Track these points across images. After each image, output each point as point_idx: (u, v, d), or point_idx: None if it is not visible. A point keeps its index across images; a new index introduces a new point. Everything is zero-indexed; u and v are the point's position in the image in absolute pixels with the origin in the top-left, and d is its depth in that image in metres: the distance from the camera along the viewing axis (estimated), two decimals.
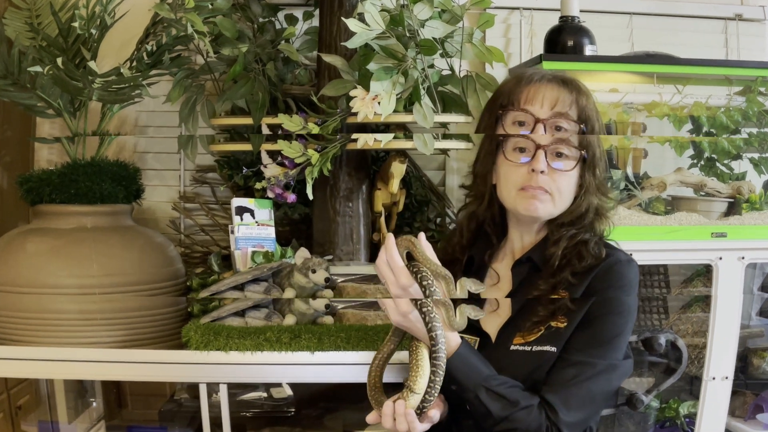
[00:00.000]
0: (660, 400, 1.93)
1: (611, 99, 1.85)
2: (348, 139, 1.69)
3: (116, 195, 1.80)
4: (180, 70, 1.86)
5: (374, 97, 1.60)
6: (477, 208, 1.25)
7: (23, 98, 1.79)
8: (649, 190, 1.85)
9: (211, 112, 1.88)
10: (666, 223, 1.79)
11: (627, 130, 1.90)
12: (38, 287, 1.67)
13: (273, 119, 1.75)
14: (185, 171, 2.18)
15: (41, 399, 2.09)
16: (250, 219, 1.78)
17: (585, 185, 1.18)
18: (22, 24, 1.85)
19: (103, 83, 1.70)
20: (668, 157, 1.92)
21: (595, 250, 1.16)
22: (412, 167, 2.06)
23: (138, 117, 2.18)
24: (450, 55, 1.72)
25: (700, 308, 1.94)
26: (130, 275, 1.72)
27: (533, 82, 1.17)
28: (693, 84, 1.89)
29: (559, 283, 1.15)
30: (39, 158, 2.18)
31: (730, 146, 1.90)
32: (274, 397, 1.95)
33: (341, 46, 1.71)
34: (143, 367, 1.63)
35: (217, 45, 1.81)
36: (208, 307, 1.75)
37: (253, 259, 1.73)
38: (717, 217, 1.86)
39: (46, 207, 1.78)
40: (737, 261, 1.76)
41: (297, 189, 1.80)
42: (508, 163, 1.17)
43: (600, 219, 1.20)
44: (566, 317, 1.14)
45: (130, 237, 1.80)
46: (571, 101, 1.16)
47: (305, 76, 1.93)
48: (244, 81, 1.81)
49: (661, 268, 2.01)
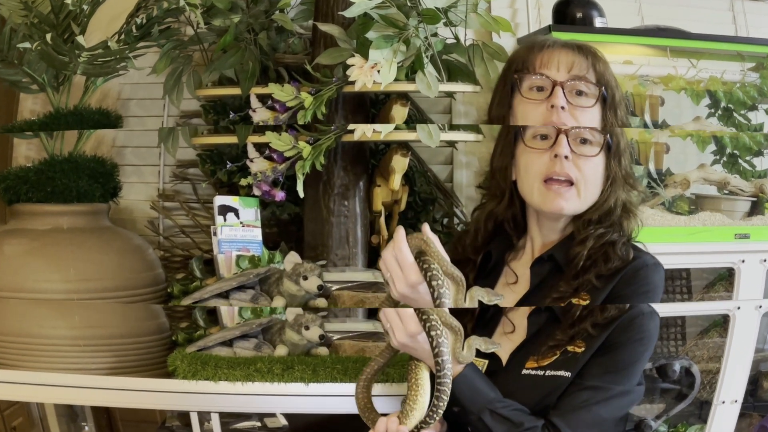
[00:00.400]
0: (668, 425, 1.94)
1: (626, 71, 1.84)
2: (344, 130, 1.67)
3: (93, 193, 1.80)
4: (168, 41, 1.89)
5: (373, 65, 1.58)
6: (496, 207, 1.23)
7: (9, 74, 1.81)
8: (672, 188, 1.83)
9: (197, 83, 1.89)
10: (690, 223, 1.77)
11: (645, 103, 1.92)
12: (16, 291, 1.69)
13: (263, 89, 1.74)
14: (165, 166, 2.17)
15: (34, 422, 2.12)
16: (235, 219, 1.76)
17: (612, 176, 1.17)
18: (16, 3, 1.86)
19: (89, 57, 1.73)
20: (690, 153, 1.89)
21: (622, 252, 1.14)
22: (416, 161, 2.04)
23: (121, 90, 2.19)
24: (454, 24, 1.72)
25: (717, 333, 1.90)
26: (107, 280, 1.73)
27: (546, 47, 1.19)
28: (706, 59, 1.89)
29: (581, 286, 1.14)
30: (17, 155, 2.20)
31: (751, 142, 1.88)
32: (269, 426, 1.95)
33: (338, 16, 1.70)
34: (132, 394, 1.66)
35: (209, 16, 1.82)
36: (193, 336, 1.77)
37: (238, 264, 1.70)
38: (740, 217, 1.84)
39: (22, 206, 1.79)
40: (759, 264, 1.74)
41: (286, 186, 1.77)
42: (528, 150, 1.16)
43: (628, 216, 1.19)
44: (585, 342, 1.12)
45: (107, 239, 1.81)
46: (587, 65, 1.17)
47: (299, 45, 1.94)
48: (234, 50, 1.81)
49: (684, 273, 2.01)
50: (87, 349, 1.71)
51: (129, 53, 1.77)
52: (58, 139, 1.85)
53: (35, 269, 1.71)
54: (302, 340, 1.64)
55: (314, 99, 1.65)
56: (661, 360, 1.83)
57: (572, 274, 1.15)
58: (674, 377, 1.81)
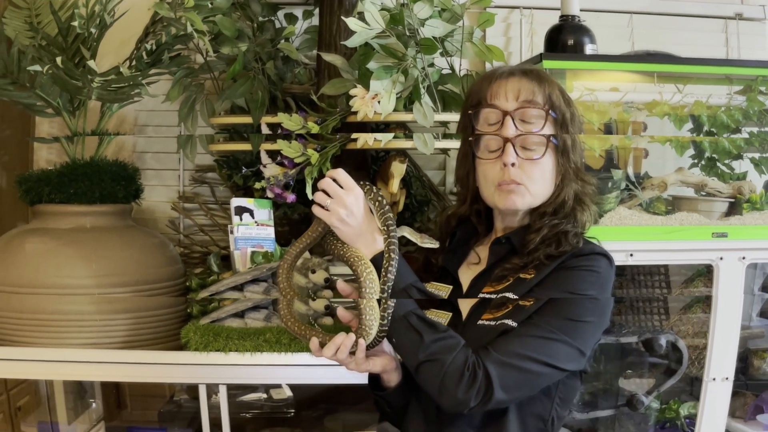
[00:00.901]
0: (660, 401, 1.93)
1: (612, 98, 1.85)
2: (348, 139, 1.70)
3: (115, 195, 1.81)
4: (179, 69, 1.87)
5: (374, 95, 1.61)
6: (459, 208, 1.28)
7: (22, 97, 1.79)
8: (650, 190, 1.86)
9: (210, 111, 1.89)
10: (667, 223, 1.80)
11: (628, 129, 1.90)
12: (37, 287, 1.67)
13: (273, 118, 1.76)
14: (184, 171, 2.19)
15: (41, 400, 2.09)
16: (250, 219, 1.79)
17: (562, 172, 1.19)
18: (21, 23, 1.85)
19: (103, 82, 1.70)
20: (669, 157, 1.92)
21: (573, 241, 1.17)
22: (412, 167, 2.07)
23: (137, 116, 2.19)
24: (450, 54, 1.73)
25: (700, 309, 1.94)
26: (129, 275, 1.73)
27: (496, 79, 1.20)
28: (693, 83, 1.88)
29: (530, 262, 1.16)
30: (38, 158, 2.19)
31: (730, 146, 1.90)
32: (274, 398, 1.96)
33: (341, 45, 1.72)
34: (142, 368, 1.64)
35: (217, 44, 1.82)
36: (207, 308, 1.76)
37: (253, 260, 1.74)
38: (718, 217, 1.86)
39: (45, 207, 1.79)
40: (738, 261, 1.76)
41: (296, 189, 1.80)
42: (482, 161, 1.20)
43: (582, 207, 1.21)
44: (535, 269, 1.15)
45: (129, 237, 1.81)
46: (533, 89, 1.17)
47: (305, 75, 1.95)
48: (244, 80, 1.82)
49: (662, 269, 2.02)
50: (102, 324, 1.69)
51: (142, 80, 1.75)
52: (78, 144, 1.85)
53: (57, 265, 1.69)
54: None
55: (320, 156, 1.68)
56: (647, 334, 1.84)
57: (525, 252, 1.17)
58: (661, 351, 1.82)
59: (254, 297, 1.69)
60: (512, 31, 2.24)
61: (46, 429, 2.05)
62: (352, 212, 1.12)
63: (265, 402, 1.97)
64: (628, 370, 1.96)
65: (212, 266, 1.82)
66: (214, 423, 1.67)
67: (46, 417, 2.06)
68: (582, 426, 2.01)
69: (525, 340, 1.09)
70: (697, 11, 2.30)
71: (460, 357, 1.07)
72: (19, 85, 1.77)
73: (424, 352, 1.08)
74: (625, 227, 1.76)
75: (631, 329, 1.92)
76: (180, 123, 1.91)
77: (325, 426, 2.01)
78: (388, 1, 1.63)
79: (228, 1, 1.80)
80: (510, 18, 2.24)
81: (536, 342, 1.09)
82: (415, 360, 1.10)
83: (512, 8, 2.22)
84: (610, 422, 1.96)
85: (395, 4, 1.64)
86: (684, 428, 1.91)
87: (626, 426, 1.95)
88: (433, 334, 1.10)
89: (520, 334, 1.10)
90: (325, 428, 2.01)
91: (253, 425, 1.95)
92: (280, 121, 1.71)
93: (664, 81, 1.87)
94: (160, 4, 1.69)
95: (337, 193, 1.12)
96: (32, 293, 1.67)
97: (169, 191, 2.20)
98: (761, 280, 2.04)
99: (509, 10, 2.23)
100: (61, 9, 1.85)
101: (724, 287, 1.75)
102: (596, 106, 1.84)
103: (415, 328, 1.10)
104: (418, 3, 1.62)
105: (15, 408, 2.03)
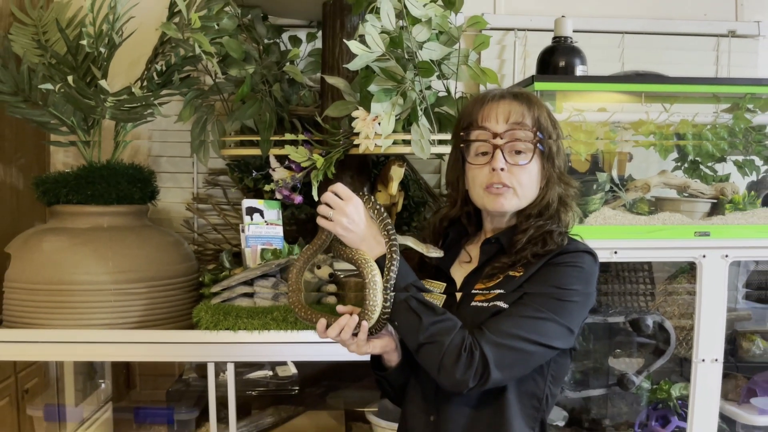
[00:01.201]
0: (651, 381, 1.93)
1: (599, 118, 1.85)
2: (350, 145, 1.73)
3: (132, 196, 1.82)
4: (190, 91, 1.87)
5: (375, 117, 1.63)
6: (450, 211, 1.31)
7: (35, 115, 1.79)
8: (634, 192, 1.88)
9: (221, 131, 1.90)
10: (650, 222, 1.81)
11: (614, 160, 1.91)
12: (54, 284, 1.67)
13: (280, 150, 1.78)
14: (198, 174, 2.22)
15: (50, 382, 2.06)
16: (260, 219, 1.81)
17: (547, 176, 1.22)
18: (29, 40, 1.85)
19: (116, 102, 1.68)
20: (653, 161, 1.94)
21: (559, 240, 1.20)
22: (410, 171, 2.09)
23: (151, 135, 2.21)
24: (446, 76, 1.74)
25: (685, 279, 1.95)
26: (145, 272, 1.74)
27: (487, 102, 1.22)
28: (680, 102, 1.87)
29: (518, 261, 1.19)
30: (55, 161, 2.21)
31: (714, 149, 1.91)
32: (279, 375, 1.96)
33: (343, 68, 1.73)
34: (153, 347, 1.64)
35: (225, 66, 1.82)
36: (218, 276, 1.77)
37: (262, 256, 1.77)
38: (700, 217, 1.87)
39: (62, 207, 1.78)
40: (721, 259, 1.76)
41: (303, 191, 1.83)
42: (472, 166, 1.23)
43: (565, 208, 1.25)
44: (524, 268, 1.18)
45: (145, 235, 1.82)
46: (523, 112, 1.20)
47: (310, 97, 1.96)
48: (252, 102, 1.83)
49: (646, 265, 2.03)
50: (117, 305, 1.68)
51: (153, 100, 1.73)
52: (95, 148, 1.85)
53: (74, 263, 1.68)
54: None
55: (325, 160, 1.69)
56: (633, 314, 1.83)
57: (513, 251, 1.20)
58: (648, 331, 1.80)
59: (263, 291, 1.70)
60: (506, 53, 2.25)
61: (52, 411, 2.01)
62: (354, 220, 1.16)
63: (270, 379, 1.95)
64: (616, 349, 1.97)
65: (224, 262, 1.85)
66: (220, 401, 1.67)
67: (53, 399, 2.04)
68: (575, 405, 2.04)
69: (517, 321, 1.12)
70: (689, 30, 2.30)
71: (457, 338, 1.10)
72: (31, 102, 1.76)
73: (423, 333, 1.11)
74: (609, 226, 1.77)
75: (617, 309, 1.92)
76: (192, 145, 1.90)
77: (327, 403, 2.02)
78: (388, 24, 1.62)
79: (234, 22, 1.80)
80: (504, 40, 2.25)
81: (528, 322, 1.12)
82: (415, 341, 1.13)
83: (507, 30, 2.23)
84: (603, 402, 1.97)
85: (394, 27, 1.63)
86: (677, 409, 1.91)
87: (619, 406, 1.97)
88: (432, 317, 1.12)
89: (512, 314, 1.13)
90: (327, 405, 2.01)
91: (258, 403, 1.94)
92: (287, 153, 1.72)
93: (652, 100, 1.87)
94: (167, 24, 1.70)
95: (338, 204, 1.16)
96: (49, 290, 1.67)
97: (183, 193, 2.22)
98: (745, 277, 2.05)
99: (504, 33, 2.24)
100: (68, 27, 1.84)
101: (707, 283, 1.75)
102: (584, 126, 1.84)
103: (415, 311, 1.13)
104: (416, 26, 1.63)
105: (22, 391, 1.98)
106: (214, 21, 1.72)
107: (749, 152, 1.94)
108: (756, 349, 1.96)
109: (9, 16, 1.95)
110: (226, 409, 1.68)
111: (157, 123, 2.10)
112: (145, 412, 1.98)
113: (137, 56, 1.97)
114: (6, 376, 1.92)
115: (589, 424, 1.97)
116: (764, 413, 1.90)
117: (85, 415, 2.04)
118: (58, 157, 2.22)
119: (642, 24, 2.28)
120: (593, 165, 1.91)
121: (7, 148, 2.03)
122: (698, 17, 2.32)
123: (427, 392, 1.22)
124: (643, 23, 2.29)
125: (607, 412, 1.98)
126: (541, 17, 2.22)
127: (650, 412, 1.93)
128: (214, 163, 2.19)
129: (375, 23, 1.56)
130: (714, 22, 2.30)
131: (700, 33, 2.29)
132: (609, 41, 2.27)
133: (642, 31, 2.28)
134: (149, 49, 1.88)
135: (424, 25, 1.63)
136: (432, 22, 1.62)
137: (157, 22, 1.80)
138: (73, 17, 1.91)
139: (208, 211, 2.22)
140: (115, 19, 1.77)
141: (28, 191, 2.05)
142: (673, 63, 2.24)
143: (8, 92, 1.74)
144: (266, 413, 1.91)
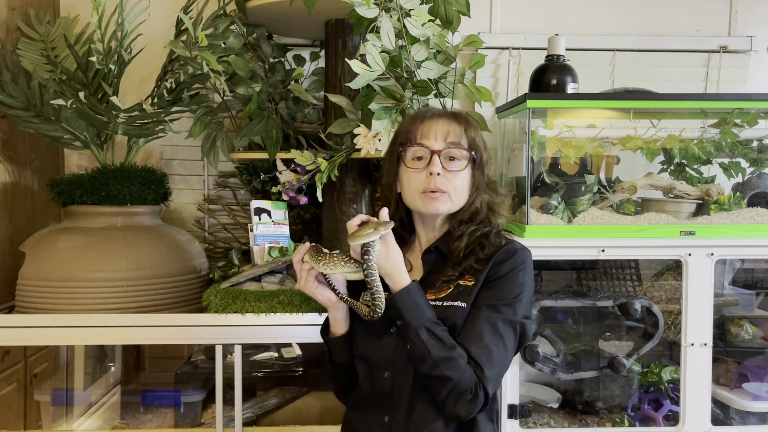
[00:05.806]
0: (642, 365, 1.93)
1: (588, 134, 1.86)
2: (353, 149, 1.76)
3: (145, 197, 1.83)
4: (199, 108, 1.88)
5: (375, 134, 1.65)
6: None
7: (48, 130, 1.80)
8: (621, 193, 1.88)
9: (230, 147, 1.92)
10: (636, 222, 1.81)
11: (602, 163, 1.92)
12: (68, 281, 1.68)
13: (286, 154, 1.80)
14: (209, 176, 2.24)
15: (59, 366, 2.04)
16: (267, 218, 1.84)
17: (476, 184, 1.25)
18: (37, 56, 1.85)
19: (127, 118, 1.68)
20: (639, 164, 1.94)
21: (495, 240, 1.24)
22: None
23: (163, 151, 2.23)
24: (443, 95, 1.75)
25: (672, 276, 1.92)
26: (157, 269, 1.75)
27: (426, 119, 1.24)
28: (668, 118, 1.86)
29: (465, 270, 1.21)
30: (69, 163, 2.24)
31: (700, 152, 1.93)
32: (285, 356, 1.97)
33: (345, 87, 1.75)
34: (163, 330, 1.64)
35: (232, 84, 1.83)
36: (228, 273, 1.78)
37: (270, 254, 1.81)
38: (686, 218, 1.88)
39: (77, 208, 1.79)
40: (706, 257, 1.76)
41: (308, 193, 1.86)
42: (409, 170, 1.24)
43: (494, 214, 1.28)
44: (473, 276, 1.20)
45: (158, 235, 1.83)
46: (460, 132, 1.23)
47: (314, 115, 1.97)
48: (259, 119, 1.85)
49: (633, 263, 2.04)
50: (130, 289, 1.69)
51: (164, 116, 1.71)
52: (108, 151, 1.87)
53: (88, 260, 1.68)
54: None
55: (329, 164, 1.72)
56: (621, 298, 1.83)
57: (455, 262, 1.22)
58: (636, 315, 1.79)
59: (271, 287, 1.71)
60: (500, 71, 2.26)
61: (60, 396, 2.00)
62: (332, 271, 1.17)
63: (276, 361, 1.96)
64: (606, 332, 1.96)
65: (234, 260, 1.89)
66: (227, 383, 1.67)
67: (62, 384, 2.03)
68: (568, 387, 2.06)
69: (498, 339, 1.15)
70: (680, 46, 2.29)
71: (464, 380, 1.12)
72: (43, 118, 1.74)
73: (430, 364, 1.13)
74: (596, 226, 1.79)
75: (606, 294, 1.92)
76: (203, 157, 1.92)
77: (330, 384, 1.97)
78: (387, 44, 1.62)
79: (240, 41, 1.82)
80: (499, 59, 2.27)
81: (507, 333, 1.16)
82: (423, 368, 1.14)
83: (502, 49, 2.25)
84: (595, 384, 1.96)
85: (394, 47, 1.63)
86: (668, 393, 1.89)
87: (611, 389, 1.96)
88: (440, 350, 1.12)
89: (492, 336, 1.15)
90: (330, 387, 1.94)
91: (263, 385, 1.95)
92: (293, 157, 1.74)
93: (640, 117, 1.87)
94: (175, 42, 1.70)
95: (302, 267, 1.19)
96: (63, 287, 1.69)
97: (195, 194, 2.25)
98: (731, 275, 2.04)
99: (499, 51, 2.25)
100: (76, 43, 1.85)
101: (693, 281, 1.76)
102: (573, 142, 1.86)
103: (424, 342, 1.13)
104: (415, 45, 1.64)
105: (31, 375, 1.96)
106: (221, 39, 1.73)
107: (735, 155, 1.94)
108: (745, 335, 1.96)
109: (16, 31, 1.93)
110: (232, 391, 1.69)
111: (168, 139, 2.11)
112: (152, 395, 1.98)
113: (147, 74, 1.99)
114: (16, 362, 1.91)
115: (582, 406, 1.98)
116: (758, 399, 1.88)
117: (93, 399, 2.05)
118: (72, 159, 2.24)
119: (633, 41, 2.29)
120: (582, 168, 1.93)
121: (21, 150, 2.02)
122: (690, 33, 2.32)
123: (381, 393, 1.23)
124: (634, 41, 2.29)
125: (600, 395, 1.97)
126: (535, 36, 2.24)
127: (642, 395, 1.93)
128: (223, 166, 2.21)
129: (375, 42, 1.57)
130: (706, 38, 2.30)
131: (691, 49, 2.29)
132: (601, 58, 2.28)
133: (633, 49, 2.29)
134: (158, 66, 1.88)
135: (423, 45, 1.64)
136: (430, 41, 1.64)
137: (165, 40, 1.81)
138: (81, 33, 1.91)
139: (219, 212, 2.24)
140: (123, 36, 1.76)
141: (42, 192, 2.07)
142: (663, 79, 2.25)
143: (20, 107, 1.74)
144: (271, 394, 1.92)
